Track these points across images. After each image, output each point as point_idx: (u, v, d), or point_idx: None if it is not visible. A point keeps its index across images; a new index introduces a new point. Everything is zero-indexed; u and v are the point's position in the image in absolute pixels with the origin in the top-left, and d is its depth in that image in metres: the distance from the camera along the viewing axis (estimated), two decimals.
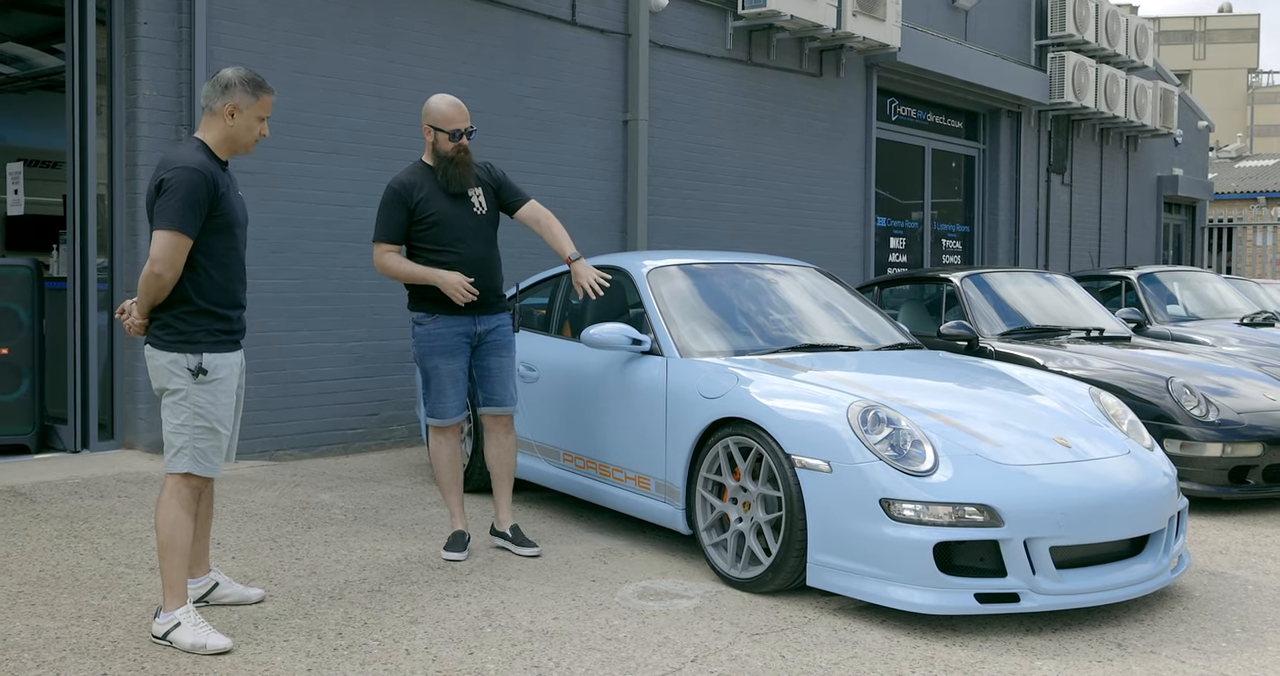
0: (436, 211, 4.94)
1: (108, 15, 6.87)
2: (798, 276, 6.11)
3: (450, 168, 4.96)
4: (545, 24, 9.06)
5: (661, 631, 4.04)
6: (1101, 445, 4.60)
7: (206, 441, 3.85)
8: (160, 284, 3.77)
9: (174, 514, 3.81)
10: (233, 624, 4.01)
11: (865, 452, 4.20)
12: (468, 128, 4.98)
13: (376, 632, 3.97)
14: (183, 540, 3.81)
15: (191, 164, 3.78)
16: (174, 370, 3.82)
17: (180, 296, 3.82)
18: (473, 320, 5.02)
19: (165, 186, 3.77)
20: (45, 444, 7.07)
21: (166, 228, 3.74)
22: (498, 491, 5.19)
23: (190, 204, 3.74)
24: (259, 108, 3.94)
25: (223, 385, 3.87)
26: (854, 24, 11.22)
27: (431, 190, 4.97)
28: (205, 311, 3.84)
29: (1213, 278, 10.85)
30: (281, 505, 5.91)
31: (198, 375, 3.80)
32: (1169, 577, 4.45)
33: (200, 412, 3.83)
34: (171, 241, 3.73)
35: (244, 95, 3.91)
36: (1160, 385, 6.45)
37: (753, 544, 4.53)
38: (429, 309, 5.00)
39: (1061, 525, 4.11)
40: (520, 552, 5.03)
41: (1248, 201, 26.77)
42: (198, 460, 3.84)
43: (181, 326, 3.82)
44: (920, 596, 4.05)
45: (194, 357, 3.81)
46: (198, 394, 3.82)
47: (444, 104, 5.00)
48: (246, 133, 3.95)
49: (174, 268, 3.76)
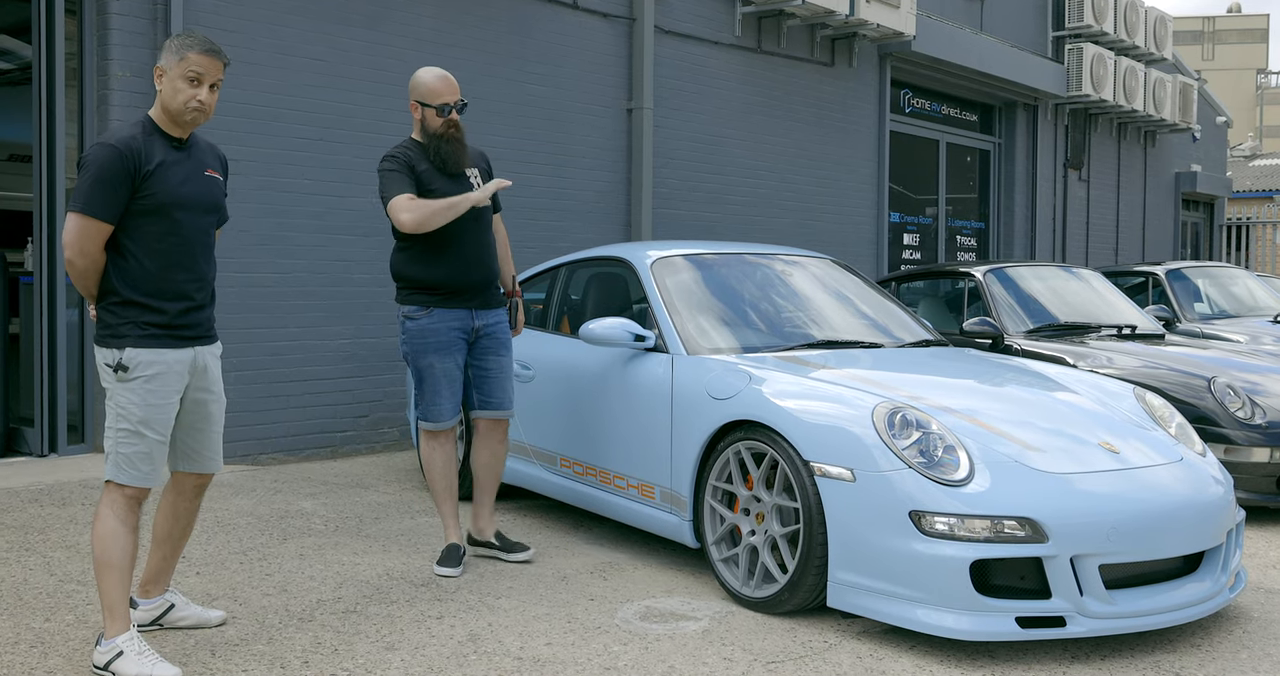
0: (435, 190, 4.53)
1: (78, 1, 6.47)
2: (813, 268, 5.69)
3: (443, 145, 4.56)
4: (546, 7, 8.65)
5: (666, 659, 3.62)
6: (1151, 451, 4.17)
7: (130, 446, 3.41)
8: (74, 271, 3.39)
9: (108, 526, 3.38)
10: (186, 651, 3.59)
11: (892, 459, 3.78)
12: (457, 101, 4.57)
13: (347, 660, 3.55)
14: (119, 557, 3.37)
15: (111, 140, 3.37)
16: (100, 366, 3.45)
17: (107, 286, 3.44)
18: (470, 313, 4.62)
19: (81, 164, 3.39)
20: (11, 447, 6.67)
21: (71, 208, 3.36)
22: (479, 499, 4.81)
23: (100, 183, 3.33)
24: (184, 66, 3.38)
25: (151, 385, 3.41)
26: (867, 10, 10.79)
27: (429, 168, 4.56)
28: (131, 302, 3.42)
29: (1243, 274, 10.42)
30: (258, 514, 5.50)
31: (117, 371, 3.40)
32: (1227, 597, 4.03)
33: (123, 413, 3.41)
34: (76, 224, 3.34)
35: (169, 55, 3.42)
36: (1201, 385, 6.02)
37: (767, 560, 4.10)
38: (422, 301, 4.58)
39: (1112, 540, 3.69)
40: (512, 559, 4.64)
41: (1263, 200, 26.34)
42: (121, 467, 3.41)
43: (109, 318, 3.44)
44: (954, 620, 3.63)
45: (115, 352, 3.41)
46: (120, 393, 3.41)
47: (430, 77, 4.59)
48: (172, 97, 3.41)
49: (83, 254, 3.36)
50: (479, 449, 4.79)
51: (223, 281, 6.79)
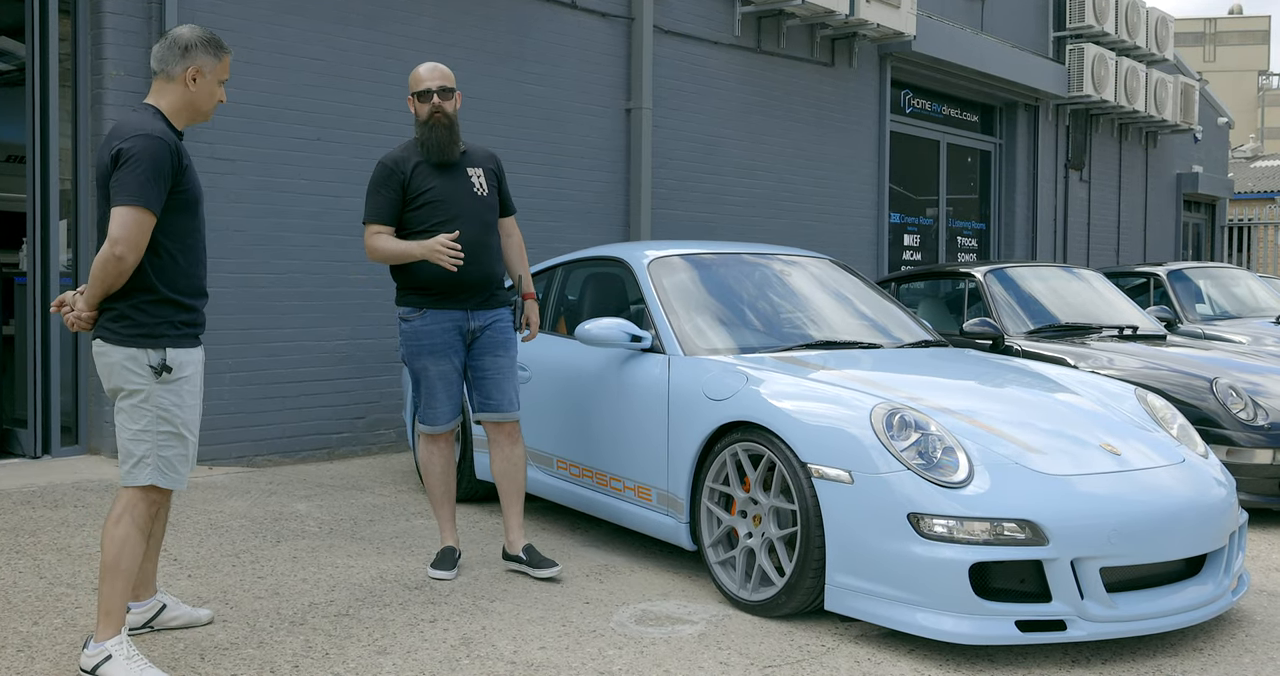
0: (431, 188, 4.47)
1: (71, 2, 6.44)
2: (811, 268, 5.64)
3: (428, 134, 4.49)
4: (544, 6, 8.61)
5: (661, 663, 3.57)
6: (1152, 453, 4.12)
7: (172, 449, 3.35)
8: (121, 268, 3.26)
9: (125, 532, 3.32)
10: (176, 655, 3.55)
11: (891, 461, 3.73)
12: (440, 87, 4.50)
13: (338, 664, 3.50)
14: (130, 562, 3.32)
15: (153, 131, 3.30)
16: (133, 367, 3.32)
17: (140, 284, 3.32)
18: (466, 314, 4.53)
19: (124, 156, 3.26)
20: (4, 449, 6.62)
21: (129, 203, 3.23)
22: (507, 510, 4.66)
23: (155, 176, 3.25)
24: (220, 70, 3.50)
25: (188, 384, 3.39)
26: (867, 10, 10.74)
27: (423, 166, 4.50)
28: (168, 301, 3.35)
29: (1245, 275, 10.36)
30: (251, 516, 5.45)
31: (161, 373, 3.31)
32: (1230, 600, 3.98)
33: (165, 416, 3.34)
34: (135, 218, 3.23)
35: (206, 57, 3.45)
36: (1203, 386, 5.97)
37: (764, 562, 4.06)
38: (416, 302, 4.52)
39: (1114, 543, 3.64)
40: (539, 575, 4.48)
41: (1264, 201, 26.29)
42: (163, 471, 3.35)
43: (141, 318, 3.33)
44: (953, 624, 3.58)
45: (156, 353, 3.32)
46: (161, 395, 3.33)
47: (420, 67, 4.57)
48: (208, 99, 3.49)
49: (138, 249, 3.25)
50: (491, 455, 4.67)
51: (219, 281, 6.75)
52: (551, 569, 4.49)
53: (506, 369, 4.63)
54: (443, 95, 4.51)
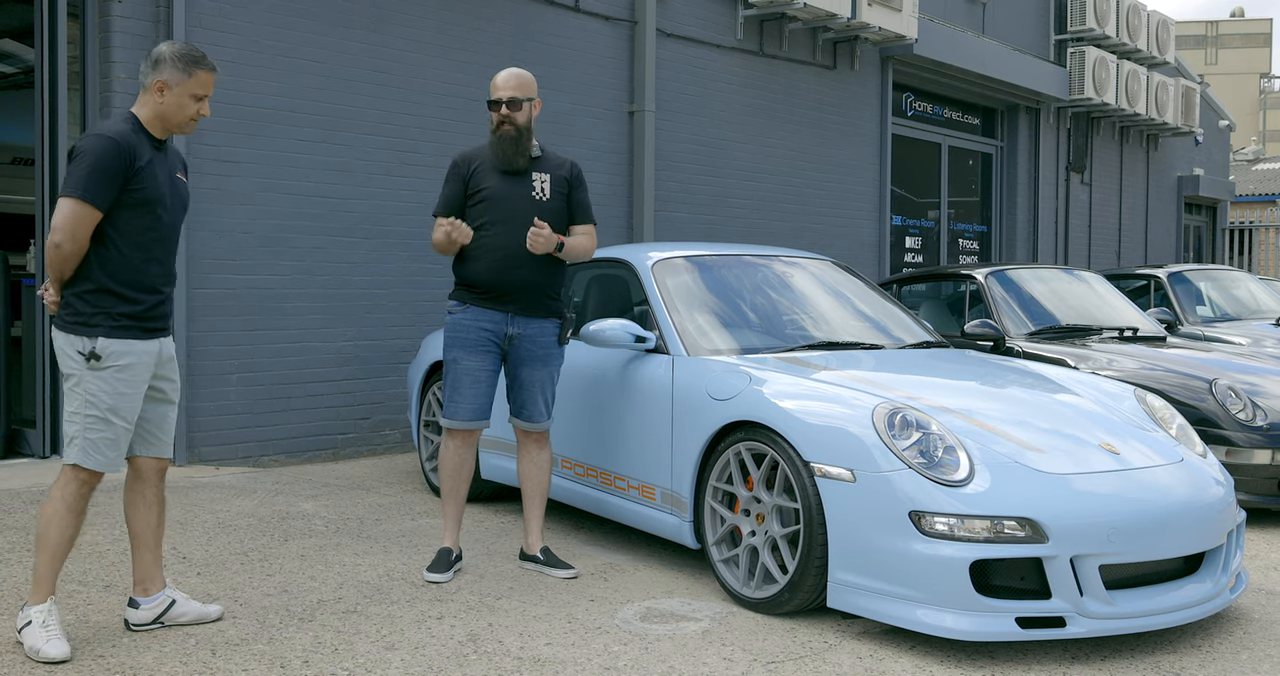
0: (486, 187, 4.56)
1: (80, 3, 6.48)
2: (813, 269, 5.69)
3: (495, 142, 4.60)
4: (547, 9, 8.66)
5: (666, 659, 3.62)
6: (1151, 452, 4.17)
7: (97, 432, 3.54)
8: (60, 255, 3.48)
9: (54, 508, 3.57)
10: (187, 650, 3.59)
11: (892, 460, 3.78)
12: (510, 98, 4.56)
13: (348, 660, 3.55)
14: (56, 537, 3.55)
15: (108, 132, 3.52)
16: (69, 352, 3.55)
17: (83, 273, 3.54)
18: (506, 318, 4.57)
19: (75, 152, 3.52)
20: (12, 449, 6.67)
21: (67, 194, 3.47)
22: (528, 511, 4.75)
23: (97, 171, 3.46)
24: (192, 85, 3.64)
25: (123, 374, 3.55)
26: (869, 14, 10.79)
27: (488, 165, 4.61)
28: (108, 291, 3.54)
29: (1245, 277, 10.40)
30: (259, 515, 5.50)
31: (89, 360, 3.51)
32: (1228, 598, 4.02)
33: (92, 401, 3.53)
34: (72, 209, 3.45)
35: (174, 71, 3.61)
36: (1202, 387, 6.01)
37: (767, 560, 4.10)
38: (462, 297, 4.62)
39: (1113, 541, 3.68)
40: (557, 575, 4.56)
41: (1265, 204, 26.32)
42: (88, 452, 3.54)
43: (80, 305, 3.54)
44: (954, 620, 3.62)
45: (88, 341, 3.52)
46: (90, 380, 3.53)
47: (499, 74, 4.66)
48: (178, 112, 3.65)
49: (74, 239, 3.47)
50: (519, 457, 4.79)
51: (223, 283, 6.81)
52: (569, 570, 4.57)
53: (542, 381, 4.68)
54: (511, 106, 4.56)
